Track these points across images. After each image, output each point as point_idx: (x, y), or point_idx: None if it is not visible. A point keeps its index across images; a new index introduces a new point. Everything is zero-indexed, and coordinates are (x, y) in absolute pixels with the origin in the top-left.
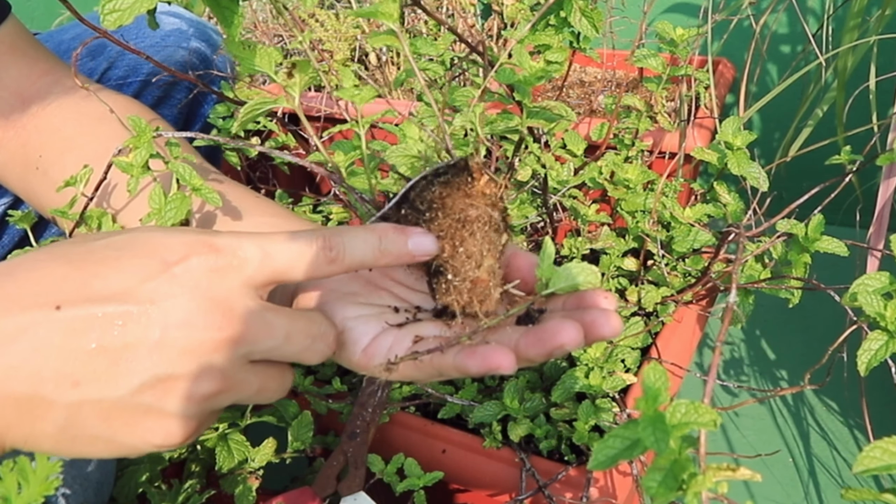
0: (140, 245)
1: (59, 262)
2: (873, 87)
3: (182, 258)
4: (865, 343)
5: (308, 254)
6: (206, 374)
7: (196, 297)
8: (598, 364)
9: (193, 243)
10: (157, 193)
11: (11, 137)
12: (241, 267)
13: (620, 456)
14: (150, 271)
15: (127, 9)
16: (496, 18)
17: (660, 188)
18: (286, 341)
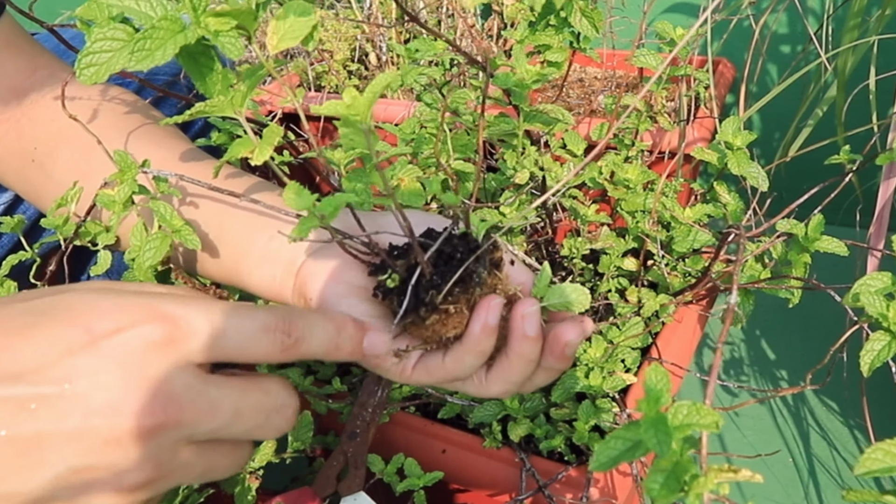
0: (64, 310)
1: None
2: (873, 87)
3: (113, 329)
4: (868, 343)
5: (264, 339)
6: (135, 464)
7: (125, 375)
8: (598, 364)
9: (130, 309)
10: (137, 230)
11: (6, 132)
12: (184, 340)
13: (622, 457)
14: (71, 343)
15: (104, 64)
16: (496, 18)
17: (660, 188)
18: (234, 420)
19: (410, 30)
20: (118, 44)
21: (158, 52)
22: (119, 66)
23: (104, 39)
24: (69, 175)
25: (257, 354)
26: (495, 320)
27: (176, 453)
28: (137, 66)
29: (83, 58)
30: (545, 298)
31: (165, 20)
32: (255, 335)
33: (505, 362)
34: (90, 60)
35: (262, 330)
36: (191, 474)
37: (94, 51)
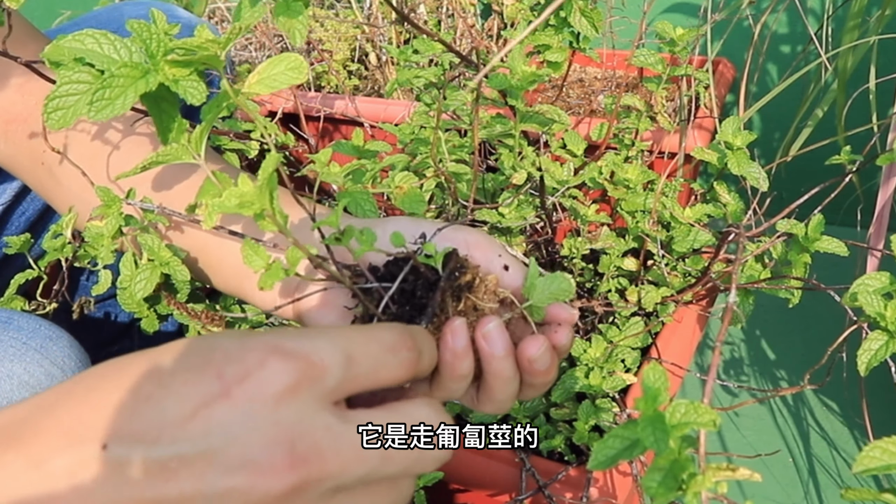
0: (196, 354)
1: (115, 385)
2: (873, 87)
3: (243, 374)
4: (865, 343)
5: (393, 360)
6: None
7: (261, 425)
8: (598, 364)
9: (256, 349)
10: (128, 260)
11: (15, 130)
12: (318, 379)
13: (620, 456)
14: (205, 394)
15: (71, 108)
16: (496, 18)
17: (660, 188)
18: (385, 464)
19: (410, 30)
20: (84, 86)
21: (119, 101)
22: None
23: (70, 83)
24: (76, 182)
25: (388, 378)
26: (462, 343)
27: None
28: (98, 117)
29: (50, 102)
30: (531, 297)
31: (125, 67)
32: (384, 358)
33: (485, 383)
34: (57, 104)
35: (389, 351)
36: None
37: (61, 94)
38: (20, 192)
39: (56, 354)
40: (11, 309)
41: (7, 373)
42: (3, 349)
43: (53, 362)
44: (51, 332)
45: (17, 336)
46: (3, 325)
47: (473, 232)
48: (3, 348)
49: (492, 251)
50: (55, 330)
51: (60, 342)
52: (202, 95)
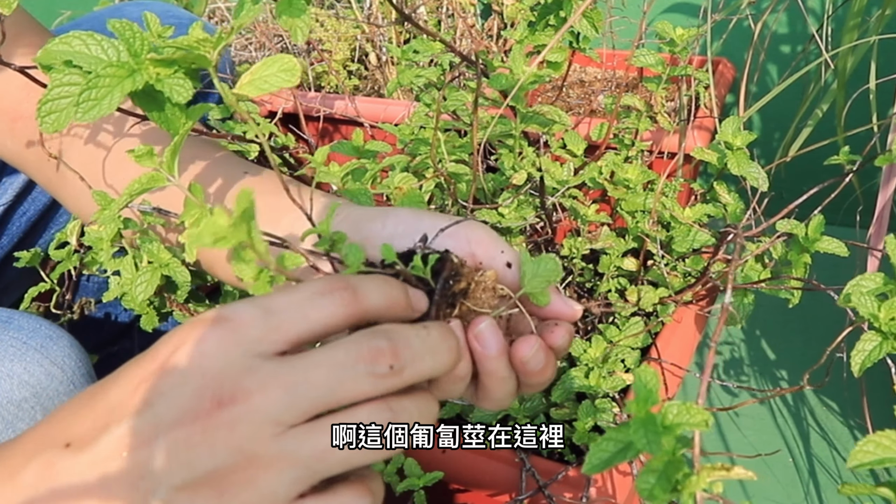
0: (143, 353)
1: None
2: (873, 87)
3: (174, 347)
4: (859, 344)
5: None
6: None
7: (189, 381)
8: (597, 364)
9: (185, 326)
10: (128, 263)
11: (22, 128)
12: (239, 331)
13: (614, 459)
14: (143, 373)
15: (63, 111)
16: (496, 18)
17: (660, 188)
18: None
19: (410, 30)
20: (76, 88)
21: (105, 101)
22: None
23: (62, 86)
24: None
25: (324, 321)
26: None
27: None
28: (85, 118)
29: (43, 105)
30: (524, 284)
31: (111, 66)
32: (311, 301)
33: (481, 382)
34: (50, 108)
35: (317, 294)
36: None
37: (53, 97)
38: (21, 192)
39: (56, 354)
40: (12, 309)
41: (7, 372)
42: (4, 349)
43: (54, 362)
44: (51, 332)
45: (17, 335)
46: (3, 324)
47: (476, 227)
48: (4, 348)
49: (494, 248)
50: (55, 330)
51: (61, 342)
52: (188, 93)
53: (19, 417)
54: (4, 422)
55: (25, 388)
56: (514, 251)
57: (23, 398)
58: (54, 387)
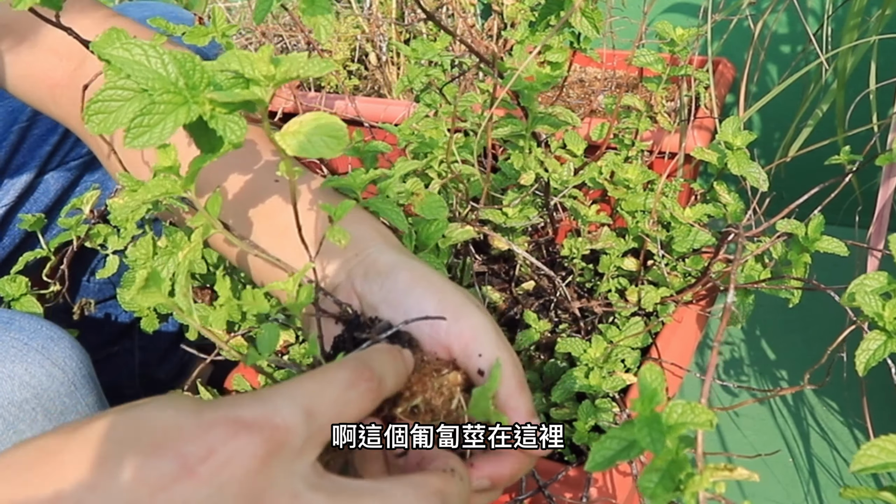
0: (147, 436)
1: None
2: (873, 87)
3: (206, 452)
4: (863, 343)
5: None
6: None
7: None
8: (597, 364)
9: (215, 426)
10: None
11: (61, 95)
12: (286, 443)
13: (617, 457)
14: (163, 475)
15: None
16: (496, 18)
17: (660, 188)
18: None
19: (410, 30)
20: (129, 93)
21: (157, 130)
22: (128, 119)
23: (115, 88)
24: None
25: (354, 414)
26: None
27: None
28: (134, 144)
29: (92, 104)
30: (471, 410)
31: (167, 93)
32: (344, 397)
33: None
34: (99, 108)
35: (348, 388)
36: None
37: (105, 98)
38: (23, 193)
39: (57, 355)
40: (13, 310)
41: (8, 373)
42: (5, 350)
43: (55, 363)
44: (52, 333)
45: (18, 337)
46: (4, 325)
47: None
48: (5, 349)
49: (473, 348)
50: (57, 331)
51: (62, 343)
52: (243, 133)
53: (20, 418)
54: (6, 423)
55: (27, 389)
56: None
57: (24, 399)
58: (55, 388)
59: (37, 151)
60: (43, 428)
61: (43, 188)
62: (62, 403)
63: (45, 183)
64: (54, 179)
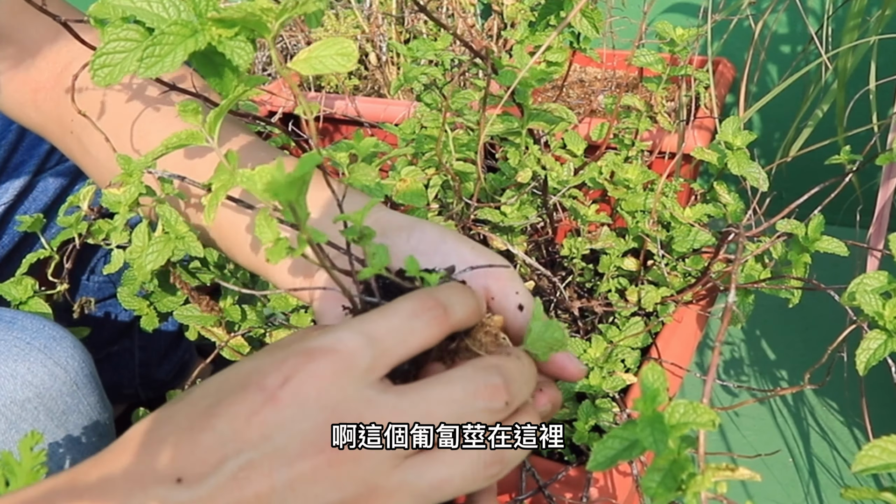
0: (232, 380)
1: (167, 428)
2: (873, 87)
3: (283, 380)
4: (864, 342)
5: (419, 324)
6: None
7: (310, 415)
8: (598, 364)
9: (287, 359)
10: (141, 231)
11: (45, 99)
12: (351, 364)
13: (619, 456)
14: (252, 406)
15: (118, 65)
16: (496, 18)
17: (660, 188)
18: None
19: (410, 30)
20: (132, 44)
21: (168, 59)
22: (133, 66)
23: (117, 40)
24: (103, 150)
25: (420, 341)
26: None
27: (389, 473)
28: (147, 73)
29: (97, 59)
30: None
31: (175, 24)
32: (409, 325)
33: None
34: (104, 61)
35: (412, 317)
36: (417, 491)
37: (108, 51)
38: (22, 192)
39: (60, 355)
40: (16, 309)
41: (11, 372)
42: (7, 349)
43: (57, 362)
44: (55, 333)
45: (21, 336)
46: (7, 324)
47: (505, 262)
48: (7, 348)
49: (510, 286)
50: (59, 330)
51: (64, 342)
52: (249, 56)
53: (22, 418)
54: (8, 422)
55: (29, 388)
56: (530, 297)
57: (26, 398)
58: (57, 387)
59: (35, 150)
60: (45, 428)
61: (42, 187)
62: (64, 403)
63: (44, 181)
64: (53, 178)
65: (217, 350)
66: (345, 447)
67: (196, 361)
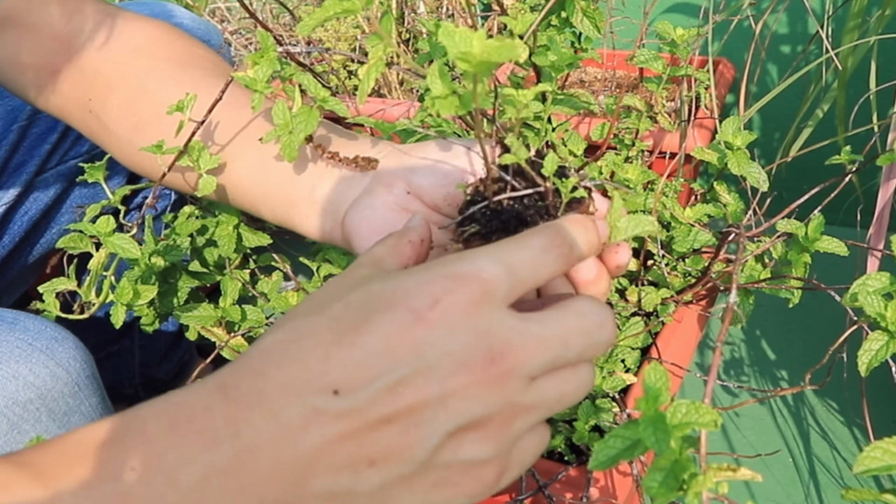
0: (381, 300)
1: (311, 340)
2: (873, 87)
3: (432, 302)
4: (866, 343)
5: (548, 259)
6: (496, 412)
7: (460, 337)
8: (597, 364)
9: (433, 282)
10: (280, 108)
11: (62, 80)
12: (494, 291)
13: (621, 456)
14: (402, 325)
15: None
16: (496, 18)
17: (660, 188)
18: (564, 346)
19: (410, 30)
20: None
21: None
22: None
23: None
24: (122, 125)
25: (548, 275)
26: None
27: (525, 392)
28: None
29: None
30: (613, 234)
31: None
32: (540, 259)
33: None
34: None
35: (543, 252)
36: (546, 405)
37: None
38: (23, 192)
39: (61, 356)
40: (17, 310)
41: (13, 374)
42: (9, 350)
43: (59, 363)
44: (56, 334)
45: (22, 337)
46: (9, 326)
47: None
48: (9, 349)
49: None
50: (60, 331)
51: (66, 343)
52: None
53: (24, 419)
54: (10, 423)
55: (31, 389)
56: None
57: (28, 399)
58: (59, 388)
59: (36, 150)
60: (47, 428)
61: (43, 187)
62: (66, 404)
63: (45, 182)
64: (54, 178)
65: (217, 350)
66: (493, 368)
67: (196, 361)
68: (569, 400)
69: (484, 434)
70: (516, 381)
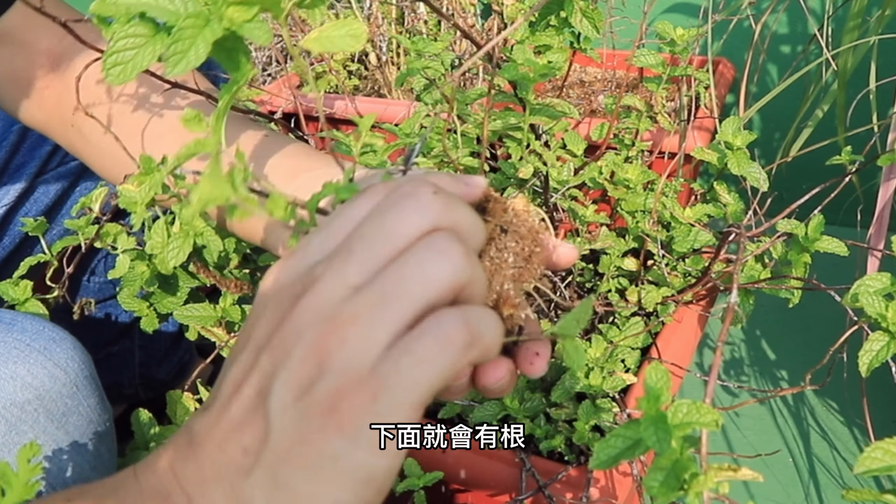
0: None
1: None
2: (874, 87)
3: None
4: (867, 344)
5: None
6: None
7: (269, 302)
8: (598, 364)
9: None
10: (159, 227)
11: (48, 96)
12: (302, 256)
13: (622, 455)
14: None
15: (129, 62)
16: (496, 18)
17: (660, 188)
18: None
19: (410, 30)
20: (141, 40)
21: (192, 53)
22: (146, 62)
23: (126, 37)
24: (104, 140)
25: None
26: None
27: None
28: (175, 72)
29: (108, 58)
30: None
31: (190, 17)
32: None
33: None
34: (115, 60)
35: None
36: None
37: (118, 49)
38: (23, 194)
39: (59, 356)
40: (16, 311)
41: (10, 374)
42: (7, 351)
43: (57, 364)
44: (54, 334)
45: (20, 338)
46: (6, 326)
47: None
48: (7, 350)
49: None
50: (59, 332)
51: (64, 344)
52: (268, 36)
53: (22, 420)
54: (8, 424)
55: (28, 390)
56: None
57: (26, 400)
58: (57, 389)
59: (36, 152)
60: (45, 430)
61: (43, 189)
62: (64, 405)
63: (45, 183)
64: (54, 179)
65: (217, 350)
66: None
67: (196, 361)
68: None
69: (318, 359)
70: (325, 295)
